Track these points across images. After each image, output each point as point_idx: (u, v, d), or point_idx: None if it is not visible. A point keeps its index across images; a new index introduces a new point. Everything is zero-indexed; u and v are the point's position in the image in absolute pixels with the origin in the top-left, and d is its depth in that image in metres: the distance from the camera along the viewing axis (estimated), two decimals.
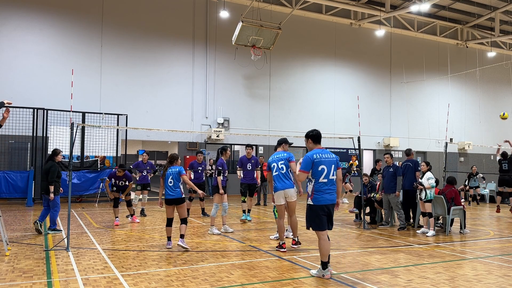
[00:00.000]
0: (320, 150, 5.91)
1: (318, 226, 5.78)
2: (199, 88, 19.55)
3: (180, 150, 19.31)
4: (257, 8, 18.66)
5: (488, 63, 25.81)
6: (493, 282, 5.63)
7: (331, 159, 5.84)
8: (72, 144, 7.84)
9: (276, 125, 20.65)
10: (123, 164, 12.11)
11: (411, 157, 10.76)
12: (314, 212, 5.79)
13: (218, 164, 9.52)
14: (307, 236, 9.04)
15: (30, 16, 16.86)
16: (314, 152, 5.85)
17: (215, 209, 9.25)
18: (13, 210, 13.02)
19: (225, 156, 9.62)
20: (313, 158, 5.76)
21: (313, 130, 6.13)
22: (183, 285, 5.29)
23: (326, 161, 5.78)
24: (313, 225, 5.83)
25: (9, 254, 6.82)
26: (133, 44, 18.45)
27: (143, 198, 12.36)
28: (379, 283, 5.50)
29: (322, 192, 5.74)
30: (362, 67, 23.55)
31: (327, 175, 5.74)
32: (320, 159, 5.77)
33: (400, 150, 23.69)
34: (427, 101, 25.30)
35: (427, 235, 9.22)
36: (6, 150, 15.71)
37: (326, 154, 5.85)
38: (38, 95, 16.39)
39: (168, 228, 7.69)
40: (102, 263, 6.34)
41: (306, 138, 6.10)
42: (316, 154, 5.81)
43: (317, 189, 5.75)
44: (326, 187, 5.75)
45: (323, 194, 5.75)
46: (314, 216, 5.79)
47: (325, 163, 5.76)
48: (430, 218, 9.45)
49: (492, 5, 23.10)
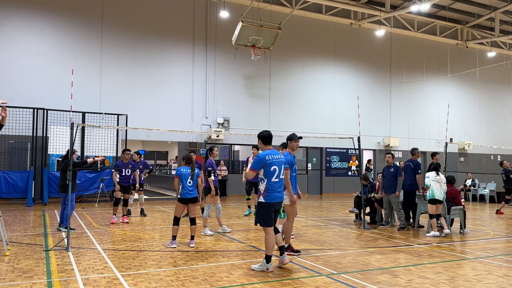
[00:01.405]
0: (271, 151, 6.19)
1: (267, 223, 6.07)
2: (199, 88, 19.55)
3: (180, 150, 19.32)
4: (257, 8, 18.66)
5: (488, 63, 25.81)
6: (493, 282, 5.63)
7: (281, 159, 6.20)
8: (72, 144, 7.86)
9: (276, 125, 20.65)
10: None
11: (414, 157, 10.74)
12: (265, 210, 6.06)
13: (207, 165, 9.30)
14: (307, 236, 9.05)
15: (30, 16, 16.86)
16: (266, 153, 6.11)
17: (207, 210, 9.24)
18: (13, 210, 13.02)
19: (213, 156, 9.51)
20: (265, 159, 6.04)
21: (264, 131, 6.39)
22: (183, 285, 5.29)
23: (277, 162, 6.12)
24: (263, 222, 6.09)
25: (9, 254, 6.82)
26: (133, 44, 18.45)
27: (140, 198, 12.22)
28: (379, 283, 5.50)
29: (273, 191, 6.06)
30: (362, 67, 23.54)
31: (278, 175, 6.09)
32: (272, 160, 6.07)
33: (400, 150, 23.70)
34: (427, 101, 25.30)
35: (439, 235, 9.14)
36: (6, 150, 15.71)
37: (277, 155, 6.17)
38: (38, 95, 16.39)
39: (175, 227, 7.72)
40: (102, 263, 6.34)
41: (258, 138, 6.35)
42: (268, 155, 6.08)
43: (269, 188, 6.04)
44: (277, 186, 6.09)
45: (274, 192, 6.07)
46: (265, 213, 6.06)
47: (276, 163, 6.10)
48: (431, 219, 9.41)
49: (492, 5, 23.10)
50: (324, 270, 6.14)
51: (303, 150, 21.84)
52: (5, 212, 12.29)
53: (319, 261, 6.69)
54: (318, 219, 12.07)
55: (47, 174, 15.28)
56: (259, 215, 6.13)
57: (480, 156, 25.71)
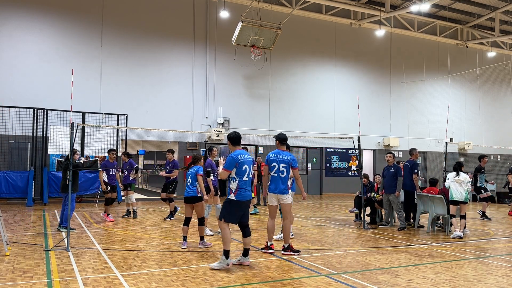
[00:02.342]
0: (241, 151, 6.41)
1: (230, 219, 6.31)
2: (199, 88, 19.55)
3: (180, 150, 19.30)
4: (257, 8, 18.66)
5: (488, 63, 25.80)
6: (493, 282, 5.63)
7: (250, 159, 6.45)
8: (72, 144, 7.86)
9: (276, 125, 20.65)
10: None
11: (412, 157, 10.75)
12: (234, 207, 6.27)
13: (206, 165, 9.27)
14: (307, 236, 9.05)
15: (30, 16, 16.86)
16: (238, 153, 6.32)
17: (207, 211, 9.22)
18: (13, 210, 13.02)
19: (212, 157, 9.50)
20: (237, 159, 6.25)
21: (233, 132, 6.58)
22: (183, 285, 5.29)
23: (247, 161, 6.36)
24: (228, 217, 6.29)
25: (9, 254, 6.82)
26: (133, 44, 18.44)
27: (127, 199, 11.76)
28: (379, 283, 5.50)
29: (244, 189, 6.28)
30: (362, 67, 23.54)
31: (248, 174, 6.33)
32: (243, 160, 6.29)
33: (400, 150, 23.69)
34: (427, 101, 25.29)
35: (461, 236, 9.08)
36: (6, 150, 15.71)
37: (246, 155, 6.42)
38: (38, 95, 16.39)
39: (185, 227, 7.72)
40: (102, 263, 6.34)
41: (227, 139, 6.55)
42: (240, 155, 6.29)
43: (241, 187, 6.26)
44: (247, 185, 6.33)
45: (245, 191, 6.29)
46: (233, 210, 6.28)
47: (247, 163, 6.34)
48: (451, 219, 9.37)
49: (492, 5, 23.10)
50: (324, 270, 6.14)
51: (303, 150, 21.84)
52: (5, 212, 12.29)
53: (319, 261, 6.69)
54: (318, 219, 12.07)
55: (47, 174, 15.28)
56: (226, 210, 6.30)
57: None
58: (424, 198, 10.27)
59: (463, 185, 9.27)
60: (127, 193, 11.78)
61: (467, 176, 9.41)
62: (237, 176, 6.25)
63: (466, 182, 9.29)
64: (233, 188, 6.25)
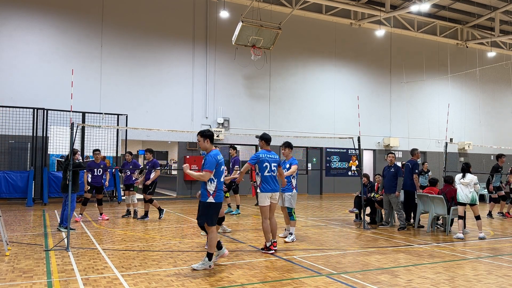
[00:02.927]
0: (218, 151, 6.17)
1: (213, 223, 6.09)
2: (199, 88, 19.55)
3: (180, 150, 19.31)
4: (257, 8, 18.66)
5: (488, 63, 25.81)
6: (493, 282, 5.63)
7: (223, 160, 6.23)
8: (72, 144, 7.86)
9: (276, 125, 20.66)
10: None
11: (413, 157, 10.75)
12: (214, 209, 6.06)
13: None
14: (307, 236, 9.05)
15: (30, 16, 16.85)
16: (216, 153, 6.09)
17: None
18: (13, 210, 13.02)
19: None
20: (217, 159, 6.03)
21: (208, 130, 6.29)
22: (183, 285, 5.29)
23: (223, 162, 6.18)
24: (211, 221, 6.06)
25: (9, 254, 6.82)
26: (133, 44, 18.44)
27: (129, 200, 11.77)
28: (379, 283, 5.50)
29: (221, 190, 6.10)
30: (362, 67, 23.54)
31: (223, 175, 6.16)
32: (221, 160, 6.12)
33: (400, 150, 23.69)
34: (427, 101, 25.29)
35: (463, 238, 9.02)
36: (6, 150, 15.71)
37: (221, 155, 6.18)
38: (38, 95, 16.39)
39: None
40: (102, 263, 6.34)
41: (204, 137, 6.14)
42: (219, 155, 6.09)
43: (219, 188, 6.06)
44: (222, 186, 6.14)
45: (221, 192, 6.11)
46: (214, 213, 6.07)
47: (223, 163, 6.16)
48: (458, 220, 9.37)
49: (492, 5, 23.10)
50: (324, 270, 6.14)
51: (303, 150, 21.84)
52: (5, 212, 12.29)
53: (319, 261, 6.69)
54: (318, 219, 12.07)
55: (47, 174, 15.28)
56: (209, 215, 6.03)
57: (480, 156, 25.69)
58: (424, 198, 10.27)
59: (469, 187, 9.24)
60: (129, 194, 11.78)
61: (474, 177, 9.31)
62: (215, 177, 6.00)
63: (473, 183, 9.23)
64: (211, 190, 5.99)
